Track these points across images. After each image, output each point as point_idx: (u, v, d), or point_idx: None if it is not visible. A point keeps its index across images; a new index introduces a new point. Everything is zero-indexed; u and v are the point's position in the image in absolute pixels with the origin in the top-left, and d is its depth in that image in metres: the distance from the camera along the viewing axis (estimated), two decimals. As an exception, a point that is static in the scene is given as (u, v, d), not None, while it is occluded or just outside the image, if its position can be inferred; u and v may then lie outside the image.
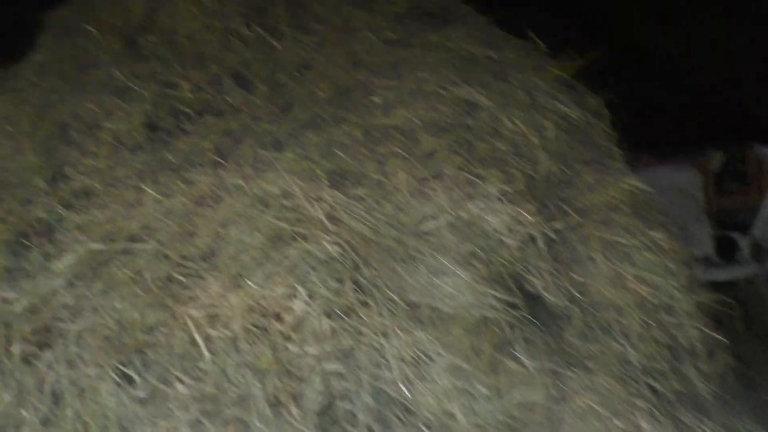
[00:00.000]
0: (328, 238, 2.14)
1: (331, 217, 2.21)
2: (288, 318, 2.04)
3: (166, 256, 2.19)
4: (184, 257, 2.19)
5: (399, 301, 2.10)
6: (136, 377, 2.03)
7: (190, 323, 2.06)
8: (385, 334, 2.05)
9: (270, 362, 2.00)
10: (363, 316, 2.04)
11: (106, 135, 2.64)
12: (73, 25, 3.23)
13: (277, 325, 2.03)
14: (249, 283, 2.09)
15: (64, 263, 2.22)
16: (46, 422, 2.03)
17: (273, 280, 2.09)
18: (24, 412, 2.03)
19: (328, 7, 2.96)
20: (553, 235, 2.38)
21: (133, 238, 2.25)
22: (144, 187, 2.41)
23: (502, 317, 2.11)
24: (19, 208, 2.47)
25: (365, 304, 2.07)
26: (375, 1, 3.09)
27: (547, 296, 2.26)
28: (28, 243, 2.36)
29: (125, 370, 2.03)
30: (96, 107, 2.72)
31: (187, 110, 2.73)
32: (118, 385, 2.02)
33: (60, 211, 2.43)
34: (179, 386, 2.03)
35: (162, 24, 3.06)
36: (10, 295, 2.18)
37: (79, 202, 2.44)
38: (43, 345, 2.09)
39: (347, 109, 2.65)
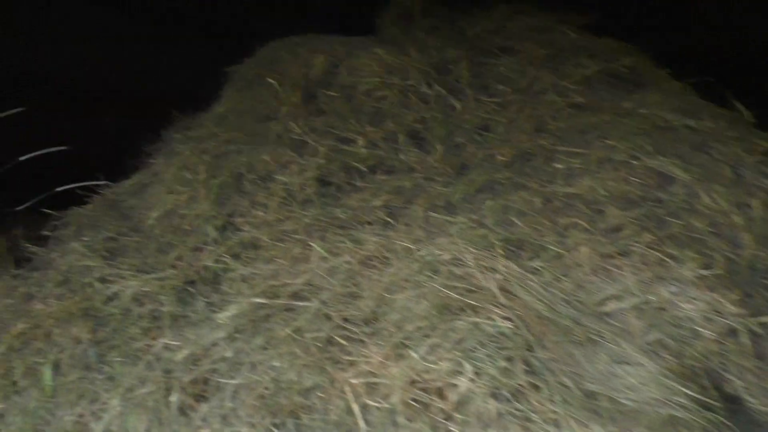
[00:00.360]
0: (499, 312, 2.05)
1: (504, 290, 2.12)
2: (451, 395, 1.95)
3: (328, 317, 2.19)
4: (346, 319, 2.17)
5: (574, 389, 1.96)
6: (288, 442, 2.01)
7: (348, 390, 2.02)
8: (556, 424, 1.91)
9: (427, 441, 1.92)
10: (533, 401, 1.92)
11: (278, 187, 2.72)
12: (256, 78, 3.40)
13: (439, 403, 1.95)
14: (412, 353, 2.03)
15: (227, 315, 2.27)
16: (195, 477, 2.06)
17: (438, 353, 2.02)
18: (176, 464, 2.07)
19: (512, 68, 2.93)
20: (758, 330, 2.15)
21: (296, 296, 2.26)
22: (311, 243, 2.44)
23: (694, 420, 1.92)
24: (190, 255, 2.58)
25: (536, 388, 1.95)
26: (562, 62, 3.03)
27: (750, 401, 2.03)
28: (194, 291, 2.45)
29: (278, 432, 2.02)
30: (270, 159, 2.82)
31: (360, 166, 2.77)
32: (270, 447, 2.01)
33: (227, 261, 2.51)
34: (331, 456, 1.99)
35: (342, 79, 3.15)
36: (173, 342, 2.25)
37: (247, 254, 2.51)
38: (200, 397, 2.13)
39: (527, 175, 2.58)
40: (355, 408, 2.00)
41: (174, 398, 2.12)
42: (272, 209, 2.64)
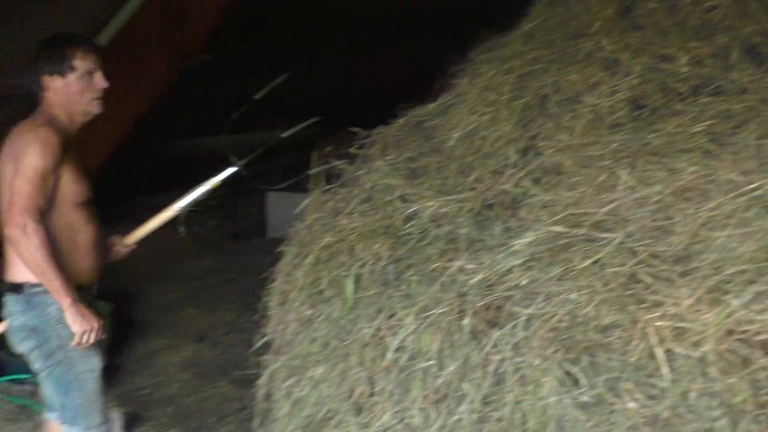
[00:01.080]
0: None
1: None
2: (777, 352, 1.73)
3: (633, 252, 2.03)
4: (653, 256, 2.01)
5: None
6: (582, 379, 1.94)
7: (651, 332, 1.88)
8: None
9: (746, 400, 1.73)
10: None
11: (585, 110, 2.58)
12: (567, -7, 3.23)
13: (763, 359, 1.74)
14: (731, 300, 1.82)
15: (523, 242, 2.21)
16: (485, 401, 2.07)
17: (763, 302, 1.79)
18: (466, 387, 2.10)
19: None
20: None
21: (598, 226, 2.14)
22: (619, 170, 2.28)
23: None
24: (489, 178, 2.56)
25: None
26: None
27: None
28: (492, 215, 2.43)
29: (571, 368, 1.95)
30: (579, 79, 2.68)
31: (681, 87, 2.53)
32: (562, 383, 1.95)
33: (527, 186, 2.45)
34: (629, 401, 1.88)
35: (664, -12, 2.88)
36: (468, 266, 2.25)
37: (548, 179, 2.43)
38: (492, 323, 2.12)
39: None
40: (659, 353, 1.86)
41: (467, 321, 2.14)
42: (578, 133, 2.51)
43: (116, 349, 4.72)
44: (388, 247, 2.43)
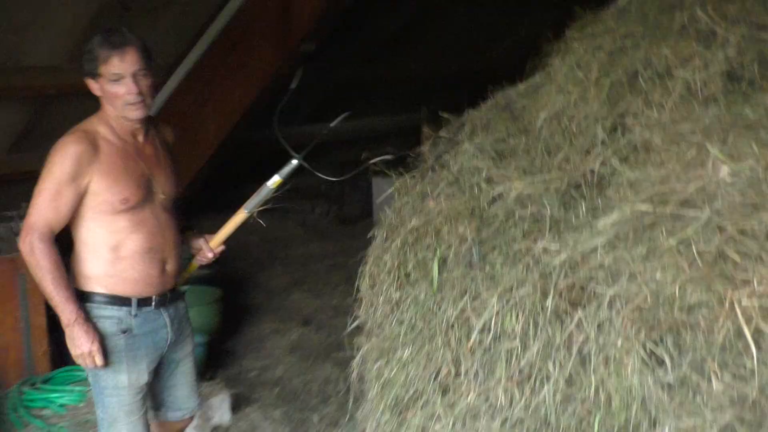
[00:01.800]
0: None
1: None
2: None
3: (722, 229, 1.99)
4: (742, 232, 1.96)
5: None
6: (666, 359, 1.92)
7: (738, 311, 1.85)
8: None
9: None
10: None
11: (677, 85, 2.52)
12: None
13: None
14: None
15: (608, 221, 2.20)
16: (569, 382, 2.08)
17: None
18: (550, 367, 2.12)
19: None
20: None
21: (685, 203, 2.10)
22: (709, 146, 2.22)
23: None
24: (576, 158, 2.55)
25: None
26: None
27: None
28: (578, 195, 2.43)
29: (656, 349, 1.94)
30: (671, 53, 2.61)
31: (780, 58, 2.44)
32: (646, 363, 1.94)
33: (615, 164, 2.43)
34: (715, 381, 1.85)
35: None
36: (552, 246, 2.26)
37: (636, 157, 2.40)
38: (575, 303, 2.13)
39: None
40: (747, 332, 1.83)
41: (549, 302, 2.15)
42: (668, 109, 2.46)
43: (226, 333, 4.95)
44: (473, 229, 2.47)
